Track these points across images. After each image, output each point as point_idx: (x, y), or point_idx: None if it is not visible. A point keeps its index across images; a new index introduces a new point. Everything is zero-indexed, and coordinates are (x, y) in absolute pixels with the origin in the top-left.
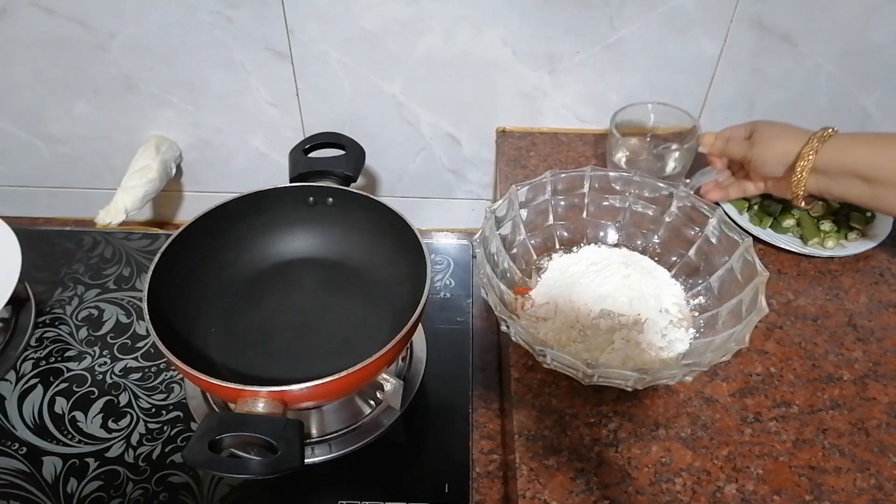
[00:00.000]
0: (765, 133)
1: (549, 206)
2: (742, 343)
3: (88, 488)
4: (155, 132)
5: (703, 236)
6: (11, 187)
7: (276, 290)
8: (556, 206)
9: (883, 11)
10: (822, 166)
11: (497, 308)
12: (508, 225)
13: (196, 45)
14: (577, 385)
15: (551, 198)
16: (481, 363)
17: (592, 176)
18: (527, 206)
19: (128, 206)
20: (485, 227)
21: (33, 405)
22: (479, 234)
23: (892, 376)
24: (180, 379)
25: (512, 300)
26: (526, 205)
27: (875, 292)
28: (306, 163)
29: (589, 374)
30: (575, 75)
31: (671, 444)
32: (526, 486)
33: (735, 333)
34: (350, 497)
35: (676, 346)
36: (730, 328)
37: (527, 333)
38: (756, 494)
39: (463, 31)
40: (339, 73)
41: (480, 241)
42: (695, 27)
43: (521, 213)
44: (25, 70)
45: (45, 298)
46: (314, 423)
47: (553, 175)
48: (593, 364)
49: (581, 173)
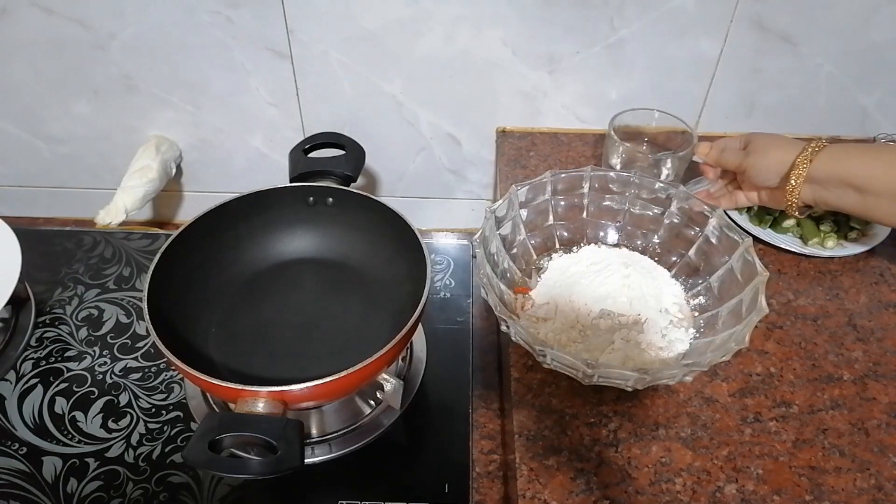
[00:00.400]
0: (760, 143)
1: (549, 206)
2: (742, 343)
3: (88, 488)
4: (155, 132)
5: (703, 236)
6: (11, 187)
7: (276, 290)
8: (556, 206)
9: (883, 11)
10: (816, 176)
11: (497, 308)
12: (508, 225)
13: (196, 45)
14: (577, 385)
15: (551, 198)
16: (481, 363)
17: (592, 176)
18: (527, 205)
19: (128, 206)
20: (485, 227)
21: (33, 405)
22: (479, 234)
23: (892, 376)
24: (180, 379)
25: (512, 300)
26: (526, 205)
27: (875, 292)
28: (306, 163)
29: (589, 374)
30: (575, 75)
31: (671, 444)
32: (526, 486)
33: (735, 333)
34: (350, 497)
35: (676, 346)
36: (730, 328)
37: (527, 333)
38: (756, 494)
39: (463, 31)
40: (339, 73)
41: (480, 241)
42: (695, 27)
43: (521, 213)
44: (25, 70)
45: (45, 298)
46: (314, 423)
47: (553, 175)
48: (593, 364)
49: (581, 173)
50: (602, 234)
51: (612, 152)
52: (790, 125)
